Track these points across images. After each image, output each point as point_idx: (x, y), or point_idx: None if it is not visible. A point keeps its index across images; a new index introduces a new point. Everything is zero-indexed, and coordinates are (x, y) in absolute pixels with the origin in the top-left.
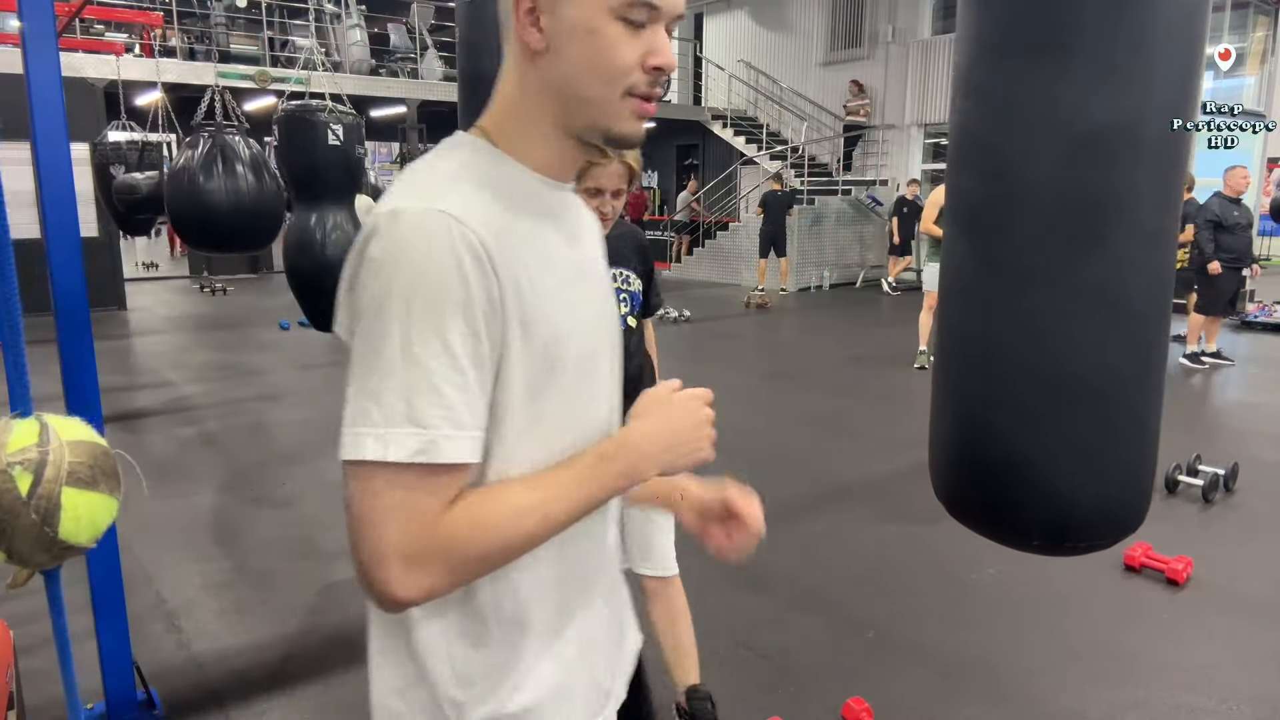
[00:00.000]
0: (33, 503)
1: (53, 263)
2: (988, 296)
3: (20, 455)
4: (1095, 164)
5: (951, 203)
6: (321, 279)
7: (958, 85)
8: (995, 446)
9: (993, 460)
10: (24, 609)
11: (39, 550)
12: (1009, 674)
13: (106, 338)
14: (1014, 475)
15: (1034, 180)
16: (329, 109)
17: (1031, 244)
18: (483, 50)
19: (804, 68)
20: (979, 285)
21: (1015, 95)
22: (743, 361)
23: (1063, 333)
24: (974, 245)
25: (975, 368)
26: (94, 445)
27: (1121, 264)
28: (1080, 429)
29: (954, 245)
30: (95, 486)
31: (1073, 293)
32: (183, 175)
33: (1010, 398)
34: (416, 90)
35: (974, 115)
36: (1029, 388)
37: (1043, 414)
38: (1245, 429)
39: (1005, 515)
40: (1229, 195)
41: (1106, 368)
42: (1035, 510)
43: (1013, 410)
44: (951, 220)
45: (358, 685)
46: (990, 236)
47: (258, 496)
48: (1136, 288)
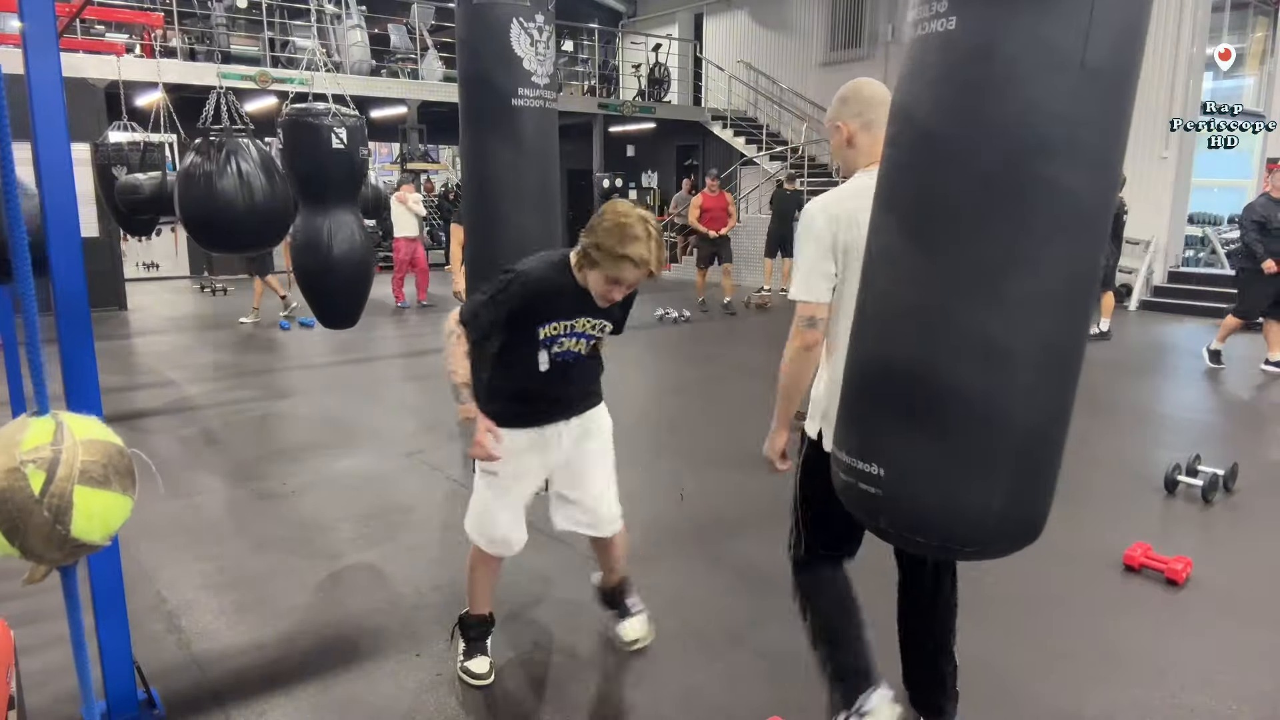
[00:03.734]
0: (45, 501)
1: (53, 263)
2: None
3: (34, 453)
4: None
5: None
6: (327, 279)
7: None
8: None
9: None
10: (24, 609)
11: (52, 548)
12: (1008, 674)
13: (107, 338)
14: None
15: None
16: (332, 112)
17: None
18: (483, 51)
19: (804, 68)
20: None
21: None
22: (742, 362)
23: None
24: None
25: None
26: (108, 444)
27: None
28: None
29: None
30: (108, 485)
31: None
32: (195, 177)
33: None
34: (417, 91)
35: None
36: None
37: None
38: (1245, 429)
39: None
40: (1276, 196)
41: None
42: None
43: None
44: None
45: (358, 685)
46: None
47: (258, 496)
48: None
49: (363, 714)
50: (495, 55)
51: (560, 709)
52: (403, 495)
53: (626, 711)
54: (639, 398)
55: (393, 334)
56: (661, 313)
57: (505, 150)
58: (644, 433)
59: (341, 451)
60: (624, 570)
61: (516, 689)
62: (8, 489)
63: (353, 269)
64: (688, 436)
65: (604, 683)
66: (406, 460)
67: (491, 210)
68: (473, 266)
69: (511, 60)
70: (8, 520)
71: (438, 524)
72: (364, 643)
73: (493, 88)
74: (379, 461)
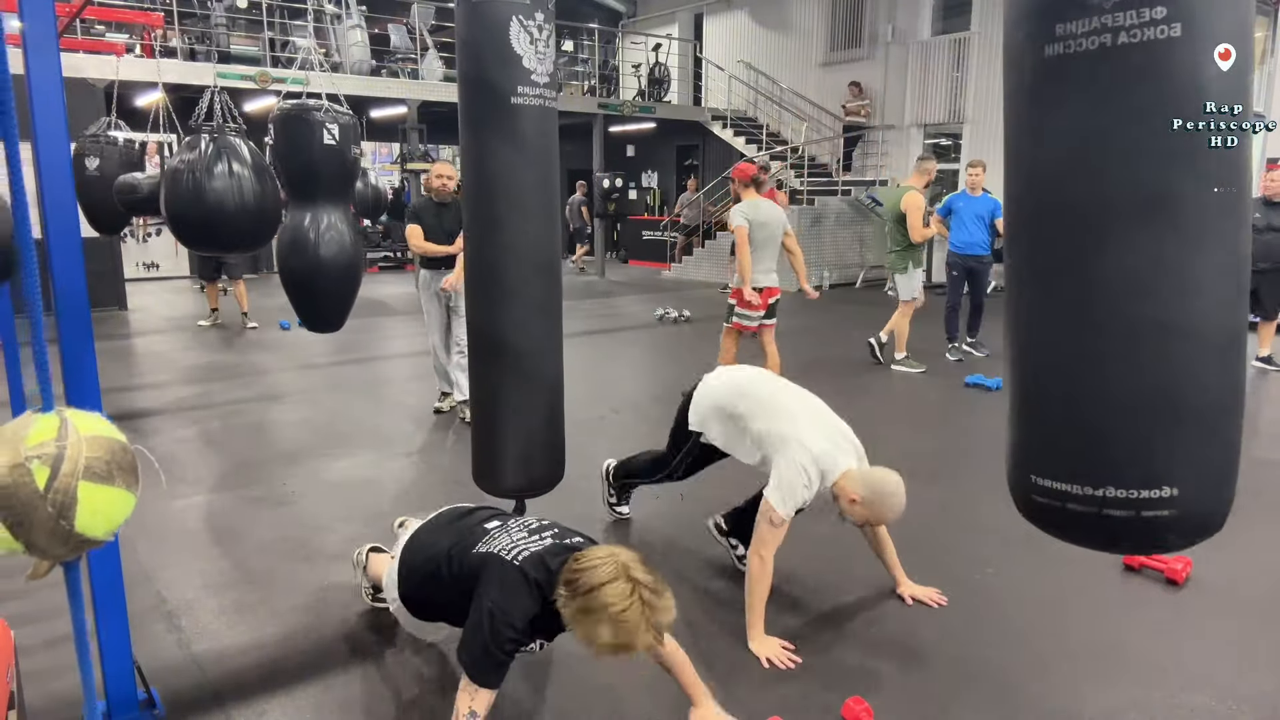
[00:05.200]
0: (49, 496)
1: (53, 263)
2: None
3: (39, 449)
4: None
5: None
6: (314, 279)
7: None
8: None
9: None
10: (24, 609)
11: (56, 543)
12: (1008, 674)
13: (107, 338)
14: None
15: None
16: (325, 108)
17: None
18: (482, 49)
19: (804, 68)
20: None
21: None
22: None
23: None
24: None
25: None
26: (112, 441)
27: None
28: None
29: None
30: (111, 481)
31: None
32: (183, 175)
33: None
34: (417, 91)
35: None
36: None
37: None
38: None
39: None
40: (1266, 197)
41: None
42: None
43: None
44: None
45: (358, 685)
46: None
47: (259, 496)
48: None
49: (363, 714)
50: (494, 54)
51: (560, 709)
52: (403, 496)
53: (626, 712)
54: (639, 398)
55: (393, 334)
56: (661, 313)
57: (505, 149)
58: (644, 433)
59: (342, 452)
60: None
61: (516, 689)
62: (13, 484)
63: (341, 270)
64: None
65: (604, 683)
66: (406, 460)
67: (491, 210)
68: (472, 267)
69: (511, 58)
70: (13, 515)
71: None
72: (364, 643)
73: (492, 86)
74: (379, 462)
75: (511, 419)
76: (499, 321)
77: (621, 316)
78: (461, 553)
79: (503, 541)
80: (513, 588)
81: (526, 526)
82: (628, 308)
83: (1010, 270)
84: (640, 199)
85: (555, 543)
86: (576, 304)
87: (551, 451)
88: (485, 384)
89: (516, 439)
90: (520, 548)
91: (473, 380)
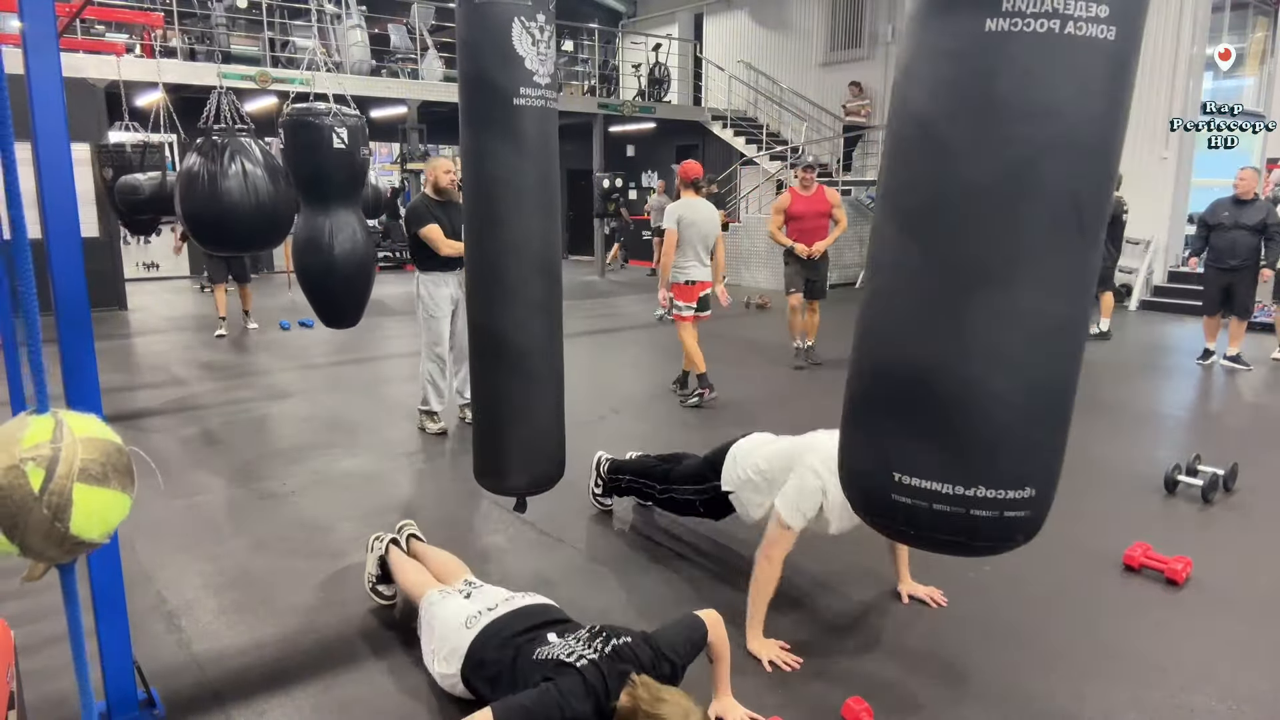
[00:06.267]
0: (44, 498)
1: (53, 263)
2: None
3: (34, 451)
4: None
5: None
6: (328, 279)
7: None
8: None
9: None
10: (24, 609)
11: (51, 545)
12: (1008, 674)
13: (107, 338)
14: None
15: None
16: (333, 112)
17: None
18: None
19: (804, 68)
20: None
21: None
22: (742, 362)
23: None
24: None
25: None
26: (107, 442)
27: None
28: None
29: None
30: (107, 483)
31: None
32: (198, 177)
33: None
34: (417, 91)
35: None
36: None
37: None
38: (1245, 429)
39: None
40: (1237, 196)
41: None
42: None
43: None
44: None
45: (358, 685)
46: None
47: (259, 496)
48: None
49: (363, 714)
50: (496, 55)
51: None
52: (403, 495)
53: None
54: (639, 398)
55: (393, 334)
56: (661, 313)
57: (507, 150)
58: (644, 432)
59: (342, 451)
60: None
61: None
62: (7, 486)
63: (354, 269)
64: (688, 436)
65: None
66: (406, 460)
67: (492, 210)
68: (473, 267)
69: (513, 60)
70: (7, 517)
71: (438, 523)
72: (364, 643)
73: (494, 87)
74: (379, 461)
75: (513, 418)
76: (501, 321)
77: (621, 316)
78: (526, 663)
79: (565, 649)
80: (574, 690)
81: (580, 638)
82: (628, 308)
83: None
84: (640, 199)
85: (607, 649)
86: (576, 304)
87: (552, 450)
88: (487, 383)
89: (518, 437)
90: (579, 655)
91: (474, 379)
